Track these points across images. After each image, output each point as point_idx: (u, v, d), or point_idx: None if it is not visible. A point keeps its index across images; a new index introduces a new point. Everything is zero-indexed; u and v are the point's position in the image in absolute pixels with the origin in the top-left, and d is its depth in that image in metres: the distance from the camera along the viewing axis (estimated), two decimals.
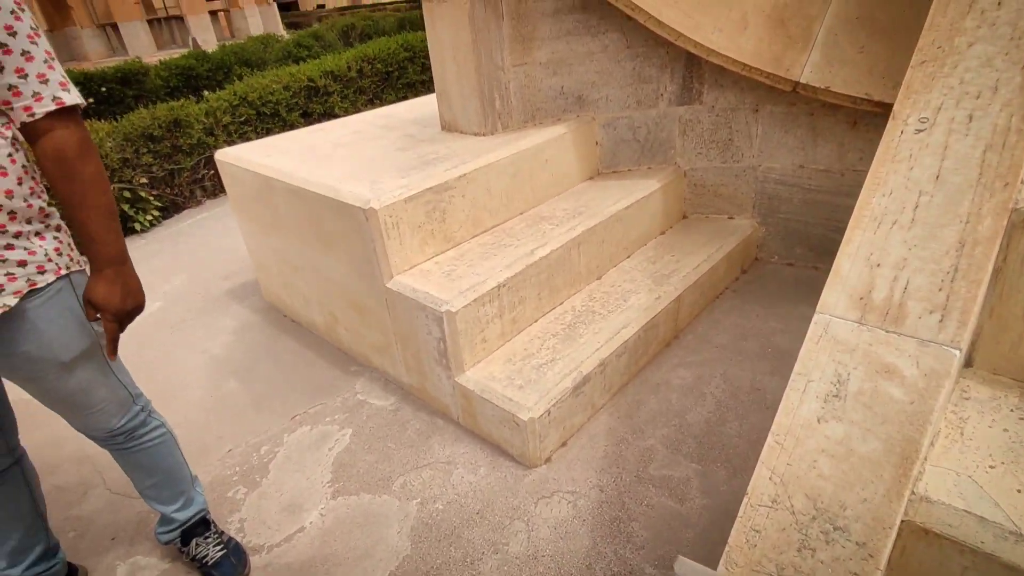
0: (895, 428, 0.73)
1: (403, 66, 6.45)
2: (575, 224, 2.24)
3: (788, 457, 0.77)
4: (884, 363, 0.77)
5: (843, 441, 0.75)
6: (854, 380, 0.78)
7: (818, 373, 0.81)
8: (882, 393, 0.76)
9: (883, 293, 0.82)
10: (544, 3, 2.39)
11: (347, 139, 2.67)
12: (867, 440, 0.74)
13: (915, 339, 0.80)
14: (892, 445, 0.72)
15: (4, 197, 1.07)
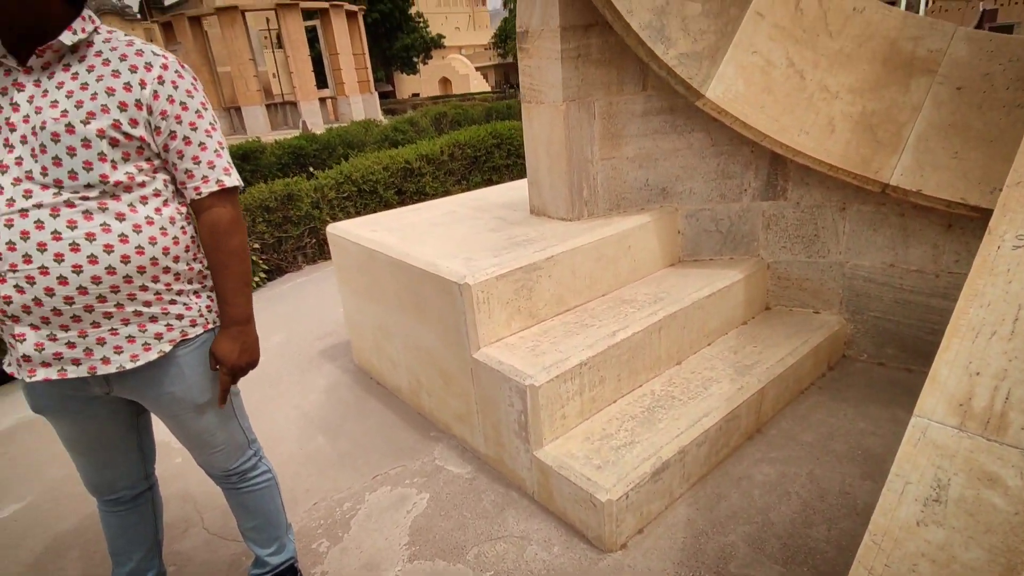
0: (999, 538, 0.72)
1: (490, 151, 6.92)
2: (656, 309, 2.30)
3: (886, 558, 0.77)
4: (986, 471, 0.77)
5: (944, 547, 0.75)
6: (955, 486, 0.78)
7: (917, 476, 0.82)
8: (985, 501, 0.76)
9: (984, 402, 0.83)
10: (633, 105, 2.58)
11: (442, 219, 2.91)
12: (969, 548, 0.73)
13: (1019, 449, 0.79)
14: (996, 555, 0.71)
15: (174, 261, 1.27)
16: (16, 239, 1.07)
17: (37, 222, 1.08)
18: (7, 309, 1.10)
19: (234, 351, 1.37)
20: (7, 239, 1.07)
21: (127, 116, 1.15)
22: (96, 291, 1.14)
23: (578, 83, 2.47)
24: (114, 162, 1.15)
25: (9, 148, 1.09)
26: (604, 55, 2.46)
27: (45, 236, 1.09)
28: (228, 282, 1.35)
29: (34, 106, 1.11)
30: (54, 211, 1.10)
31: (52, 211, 1.09)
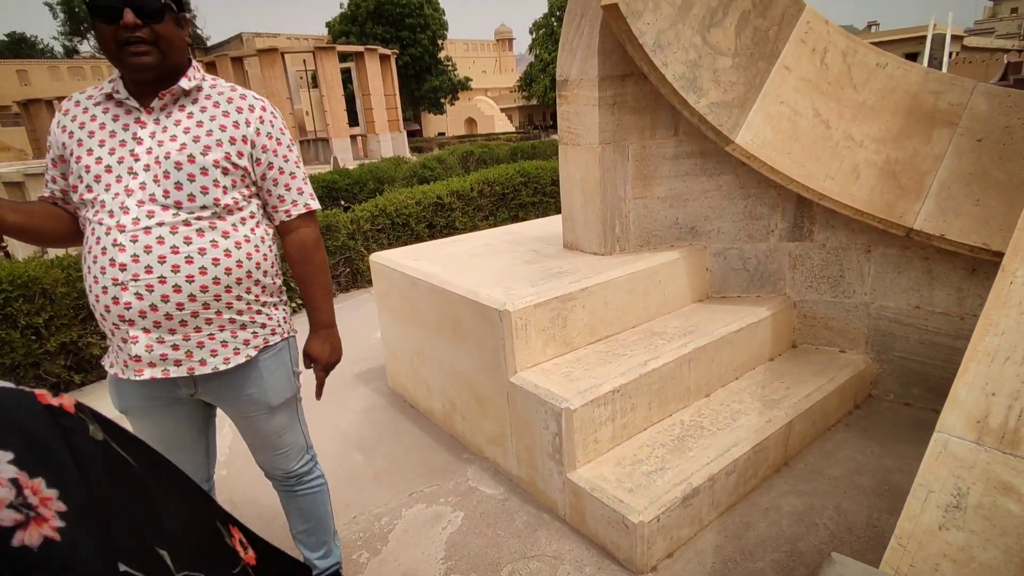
0: (1013, 540, 0.80)
1: (517, 189, 7.15)
2: (686, 341, 2.39)
3: (911, 559, 0.85)
4: (1002, 481, 0.85)
5: (964, 548, 0.82)
6: (973, 494, 0.86)
7: (939, 485, 0.90)
8: (1000, 508, 0.83)
9: (999, 419, 0.92)
10: (665, 149, 2.74)
11: (480, 250, 3.06)
12: (987, 549, 0.81)
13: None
14: (1011, 555, 0.79)
15: (263, 275, 1.44)
16: (140, 252, 1.24)
17: (159, 238, 1.25)
18: (125, 314, 1.25)
19: (325, 350, 1.58)
20: (132, 252, 1.23)
21: (235, 149, 1.34)
22: (202, 299, 1.29)
23: (613, 128, 2.64)
24: (224, 188, 1.32)
25: (133, 175, 1.27)
26: (639, 102, 2.63)
27: (165, 250, 1.25)
28: (316, 291, 1.55)
29: (156, 140, 1.29)
30: (173, 228, 1.26)
31: (171, 228, 1.26)
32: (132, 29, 1.21)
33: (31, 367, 3.43)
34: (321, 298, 1.58)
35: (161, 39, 1.25)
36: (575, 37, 2.66)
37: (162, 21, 1.25)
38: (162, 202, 1.26)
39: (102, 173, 1.27)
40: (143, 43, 1.23)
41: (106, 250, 1.24)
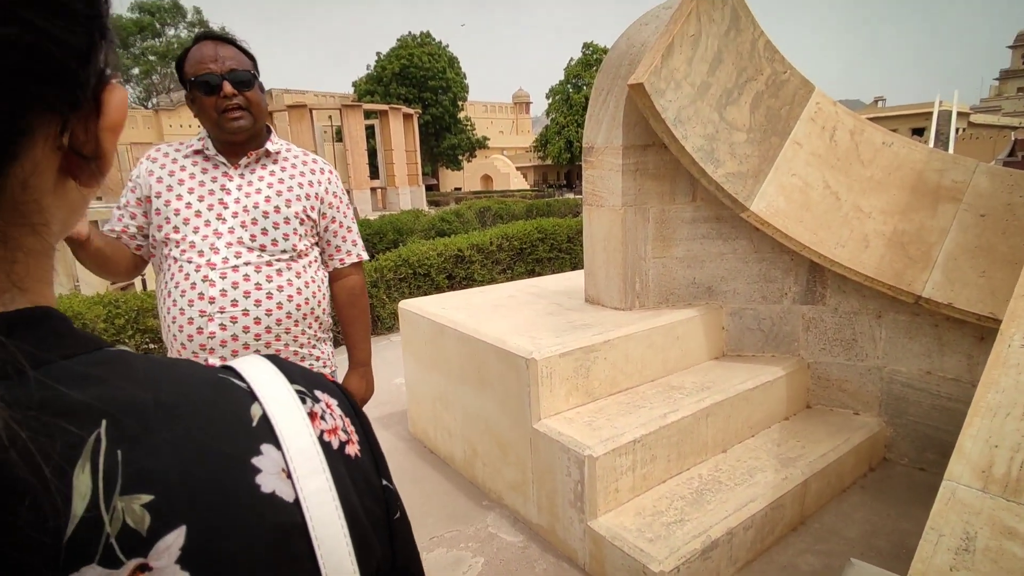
0: None
1: (535, 244, 7.37)
2: (703, 397, 2.48)
3: None
4: (1006, 526, 0.93)
5: None
6: (981, 538, 0.94)
7: (948, 529, 0.97)
8: (1006, 551, 0.91)
9: (1002, 469, 1.00)
10: (684, 213, 2.91)
11: (504, 301, 3.20)
12: None
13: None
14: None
15: (323, 312, 1.59)
16: (228, 287, 1.39)
17: (245, 275, 1.41)
18: (207, 343, 1.39)
19: (363, 386, 1.74)
20: (221, 287, 1.38)
21: (310, 204, 1.53)
22: (276, 331, 1.44)
23: (635, 192, 2.82)
24: (300, 235, 1.49)
25: (222, 220, 1.43)
26: (659, 170, 2.83)
27: (250, 286, 1.40)
28: (358, 332, 1.70)
29: (243, 192, 1.47)
30: (257, 268, 1.42)
31: (256, 268, 1.42)
32: (230, 98, 1.41)
33: None
34: (362, 338, 1.75)
35: (252, 104, 1.45)
36: (601, 109, 2.89)
37: (252, 89, 1.44)
38: (248, 244, 1.43)
39: (191, 217, 1.44)
40: (239, 109, 1.42)
41: (195, 284, 1.39)
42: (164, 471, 0.29)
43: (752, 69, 2.77)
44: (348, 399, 0.41)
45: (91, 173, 0.32)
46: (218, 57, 1.40)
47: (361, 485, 0.37)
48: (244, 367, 0.37)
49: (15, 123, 0.27)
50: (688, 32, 2.60)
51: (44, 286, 0.32)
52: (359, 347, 1.76)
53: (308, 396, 0.37)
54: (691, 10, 2.59)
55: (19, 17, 0.26)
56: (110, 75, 0.32)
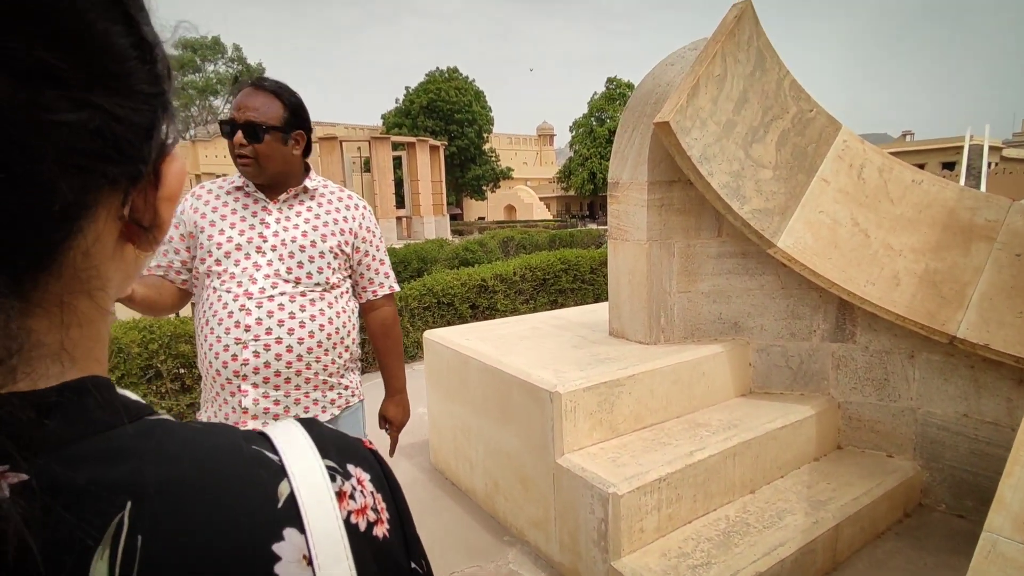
0: None
1: (558, 275, 7.39)
2: (731, 435, 2.43)
3: None
4: None
5: None
6: None
7: None
8: None
9: None
10: (709, 248, 2.91)
11: (528, 333, 3.21)
12: None
13: None
14: None
15: (352, 343, 1.63)
16: (263, 316, 1.44)
17: (280, 305, 1.46)
18: (240, 370, 1.43)
19: (399, 413, 1.80)
20: (256, 316, 1.43)
21: (344, 238, 1.58)
22: (306, 359, 1.48)
23: (660, 227, 2.84)
24: (333, 268, 1.55)
25: (261, 253, 1.49)
26: (685, 205, 2.84)
27: (284, 315, 1.45)
28: (393, 361, 1.75)
29: (281, 226, 1.53)
30: (291, 298, 1.47)
31: (290, 298, 1.47)
32: (239, 147, 1.48)
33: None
34: (397, 367, 1.81)
35: (259, 156, 1.49)
36: (627, 146, 2.94)
37: (262, 142, 1.49)
38: (285, 276, 1.48)
39: (232, 250, 1.50)
40: (247, 158, 1.49)
41: (232, 313, 1.44)
42: (180, 562, 0.28)
43: (778, 108, 2.79)
44: (383, 469, 0.40)
45: (148, 240, 0.34)
46: (244, 105, 1.47)
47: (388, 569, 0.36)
48: (278, 436, 0.36)
49: (82, 199, 0.28)
50: (714, 72, 2.64)
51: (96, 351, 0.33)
52: (394, 375, 1.82)
53: (339, 472, 0.36)
54: (716, 52, 2.64)
55: (91, 103, 0.27)
56: (170, 145, 0.33)
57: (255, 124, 1.46)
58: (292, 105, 1.52)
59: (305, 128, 1.58)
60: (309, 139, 1.60)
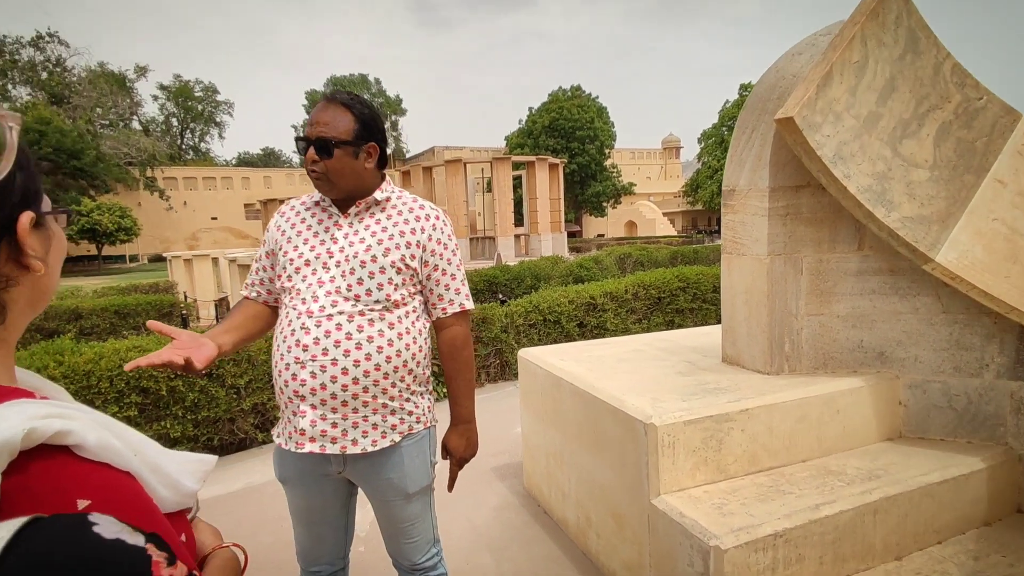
0: None
1: (675, 294, 6.94)
2: (871, 487, 2.02)
3: None
4: None
5: None
6: None
7: None
8: None
9: None
10: (847, 263, 2.49)
11: (629, 356, 2.96)
12: None
13: None
14: None
15: (416, 365, 1.53)
16: (321, 336, 1.40)
17: (337, 324, 1.41)
18: (299, 390, 1.40)
19: (462, 444, 1.63)
20: (314, 335, 1.40)
21: (410, 252, 1.50)
22: (363, 383, 1.41)
23: (785, 239, 2.48)
24: (395, 285, 1.47)
25: (326, 269, 1.46)
26: (815, 214, 2.46)
27: (340, 336, 1.40)
28: (460, 386, 1.62)
29: (348, 240, 1.49)
30: (350, 317, 1.42)
31: (349, 317, 1.42)
32: (312, 163, 1.46)
33: (228, 422, 3.95)
34: (464, 394, 1.64)
35: (331, 171, 1.46)
36: (744, 149, 2.62)
37: (331, 157, 1.45)
38: (345, 294, 1.43)
39: (302, 266, 1.49)
40: (319, 173, 1.47)
41: (294, 332, 1.42)
42: None
43: (936, 96, 2.33)
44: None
45: None
46: (315, 121, 1.46)
47: None
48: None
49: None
50: (851, 59, 2.27)
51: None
52: (460, 403, 1.65)
53: None
54: (855, 35, 2.27)
55: None
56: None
57: (325, 139, 1.43)
58: (364, 117, 1.48)
59: (378, 140, 1.52)
60: (383, 151, 1.55)
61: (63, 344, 3.67)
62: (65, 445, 0.51)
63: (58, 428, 0.50)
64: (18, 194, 0.56)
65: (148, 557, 0.26)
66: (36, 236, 0.59)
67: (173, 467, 0.66)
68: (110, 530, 0.26)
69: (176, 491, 0.65)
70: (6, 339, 0.59)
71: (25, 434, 0.47)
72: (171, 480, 0.64)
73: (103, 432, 0.55)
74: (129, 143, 39.55)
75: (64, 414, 0.52)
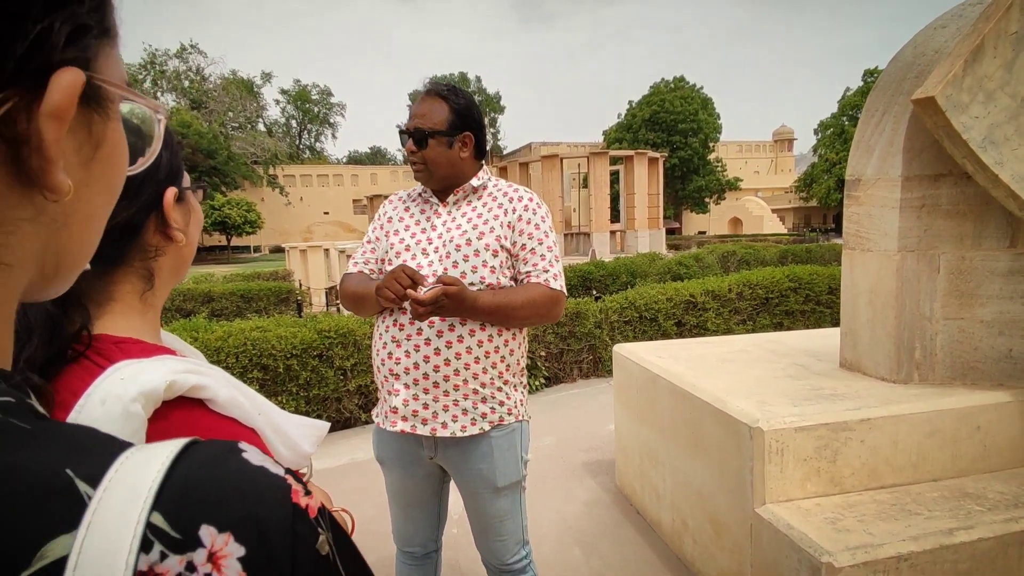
0: None
1: (784, 294, 6.50)
2: (1018, 515, 1.77)
3: None
4: None
5: None
6: None
7: None
8: None
9: None
10: (995, 262, 2.19)
11: (734, 356, 2.81)
12: None
13: None
14: None
15: (509, 354, 1.53)
16: None
17: None
18: (394, 368, 1.46)
19: (455, 288, 1.36)
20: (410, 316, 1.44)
21: (503, 232, 1.52)
22: (454, 365, 1.44)
23: (919, 234, 2.23)
24: (492, 268, 1.49)
25: (425, 255, 1.52)
26: (958, 206, 2.19)
27: (436, 318, 1.44)
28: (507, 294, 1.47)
29: (446, 227, 1.53)
30: None
31: None
32: (411, 153, 1.51)
33: (335, 401, 4.22)
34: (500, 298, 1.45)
35: (428, 161, 1.50)
36: (874, 134, 2.38)
37: (428, 147, 1.49)
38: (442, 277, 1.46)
39: (402, 251, 1.54)
40: (418, 163, 1.51)
41: (392, 312, 1.48)
42: None
43: None
44: (295, 543, 0.26)
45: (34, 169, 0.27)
46: (414, 113, 1.51)
47: None
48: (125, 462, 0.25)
49: None
50: (1008, 29, 1.99)
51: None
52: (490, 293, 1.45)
53: (168, 539, 0.23)
54: (1013, 2, 1.98)
55: None
56: (65, 57, 0.27)
57: (421, 130, 1.48)
58: (459, 108, 1.51)
59: (473, 129, 1.54)
60: (480, 140, 1.57)
61: (198, 323, 4.10)
62: (200, 399, 0.56)
63: (195, 383, 0.55)
64: (164, 171, 0.63)
65: (288, 485, 0.27)
66: (179, 210, 0.65)
67: (292, 428, 0.70)
68: (256, 458, 0.28)
69: (294, 451, 0.70)
70: (153, 304, 0.66)
71: (168, 385, 0.52)
72: (290, 440, 0.69)
73: (233, 391, 0.60)
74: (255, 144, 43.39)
75: (200, 370, 0.58)
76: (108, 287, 0.62)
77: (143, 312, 0.65)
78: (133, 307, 0.64)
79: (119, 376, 0.52)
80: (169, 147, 0.63)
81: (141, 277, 0.64)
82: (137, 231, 0.62)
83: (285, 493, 0.26)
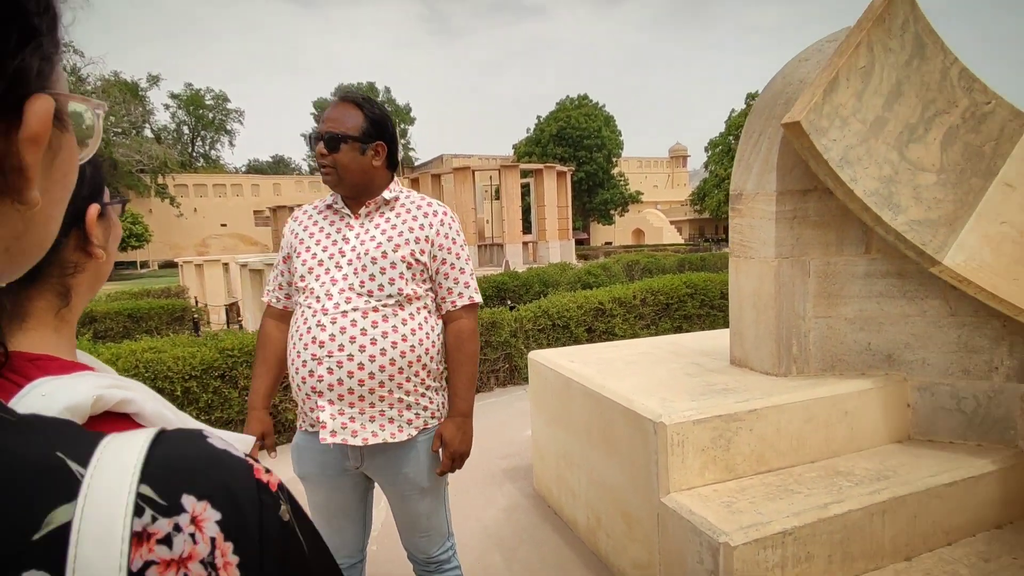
0: None
1: (683, 300, 6.96)
2: (879, 488, 2.03)
3: None
4: None
5: None
6: None
7: None
8: None
9: None
10: (854, 267, 2.51)
11: (638, 358, 2.99)
12: None
13: None
14: None
15: (430, 360, 1.57)
16: (336, 332, 1.44)
17: (352, 321, 1.45)
18: (316, 386, 1.44)
19: (457, 437, 1.59)
20: (330, 332, 1.44)
21: (419, 247, 1.54)
22: (379, 377, 1.45)
23: (792, 242, 2.50)
24: (407, 280, 1.51)
25: (339, 268, 1.51)
26: (823, 217, 2.49)
27: (356, 332, 1.44)
28: (461, 379, 1.61)
29: (359, 239, 1.54)
30: (364, 313, 1.46)
31: (363, 313, 1.46)
32: (320, 156, 1.52)
33: (240, 424, 4.00)
34: (464, 386, 1.62)
35: (338, 166, 1.52)
36: (752, 153, 2.66)
37: (339, 151, 1.51)
38: (358, 290, 1.48)
39: (315, 266, 1.53)
40: (326, 167, 1.52)
41: (310, 329, 1.46)
42: None
43: (943, 101, 2.36)
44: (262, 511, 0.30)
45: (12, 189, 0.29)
46: (326, 118, 1.52)
47: None
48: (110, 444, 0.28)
49: None
50: (857, 64, 2.30)
51: None
52: (460, 396, 1.61)
53: (156, 505, 0.27)
54: (861, 41, 2.30)
55: None
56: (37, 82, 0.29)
57: (334, 134, 1.48)
58: (374, 117, 1.53)
59: (386, 140, 1.57)
60: (392, 152, 1.60)
61: (80, 345, 3.75)
62: (126, 413, 0.56)
63: (121, 397, 0.55)
64: (88, 187, 0.61)
65: (251, 465, 0.30)
66: (100, 226, 0.64)
67: None
68: (219, 443, 0.31)
69: None
70: (69, 320, 0.64)
71: (94, 400, 0.52)
72: None
73: (158, 404, 0.60)
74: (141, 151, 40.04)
75: (124, 385, 0.57)
76: (23, 304, 0.60)
77: (58, 329, 0.63)
78: (48, 324, 0.61)
79: (39, 392, 0.50)
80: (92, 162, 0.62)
81: (58, 294, 0.62)
82: (56, 248, 0.60)
83: (249, 470, 0.30)
